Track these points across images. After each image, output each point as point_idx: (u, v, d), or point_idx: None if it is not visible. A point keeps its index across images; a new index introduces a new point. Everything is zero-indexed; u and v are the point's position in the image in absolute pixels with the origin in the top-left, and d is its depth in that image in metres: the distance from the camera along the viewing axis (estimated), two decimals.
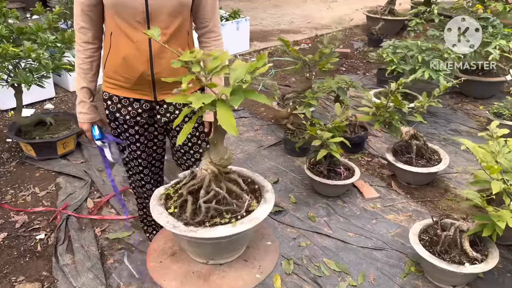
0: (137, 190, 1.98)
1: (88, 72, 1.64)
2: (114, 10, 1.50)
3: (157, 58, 1.55)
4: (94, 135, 1.71)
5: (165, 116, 1.69)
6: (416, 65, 3.33)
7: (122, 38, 1.54)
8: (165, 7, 1.49)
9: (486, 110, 3.94)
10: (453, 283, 2.04)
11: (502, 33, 3.75)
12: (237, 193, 1.42)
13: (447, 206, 2.68)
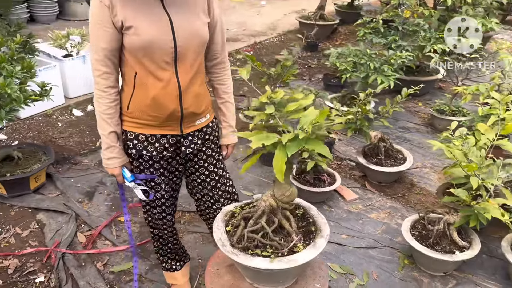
0: (155, 223, 1.97)
1: (114, 116, 1.63)
2: (143, 53, 1.53)
3: (185, 94, 1.61)
4: (126, 178, 1.70)
5: (190, 147, 1.75)
6: (369, 72, 3.63)
7: (149, 79, 1.57)
8: (191, 46, 1.58)
9: (424, 106, 4.40)
10: (444, 270, 2.32)
11: (434, 37, 4.20)
12: (289, 231, 1.52)
13: (417, 199, 2.99)
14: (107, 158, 1.66)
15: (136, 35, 1.50)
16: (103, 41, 1.52)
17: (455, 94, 3.88)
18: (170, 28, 1.52)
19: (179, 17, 1.54)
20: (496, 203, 2.17)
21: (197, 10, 1.59)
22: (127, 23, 1.50)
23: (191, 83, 1.62)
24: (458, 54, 3.87)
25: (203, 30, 1.60)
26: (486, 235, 2.58)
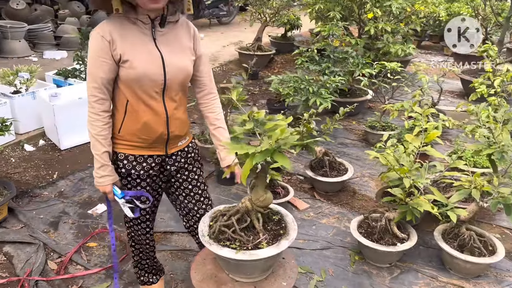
0: (137, 238, 2.11)
1: (107, 137, 1.80)
2: (137, 84, 1.73)
3: (171, 119, 1.82)
4: (117, 195, 1.83)
5: (174, 165, 1.95)
6: (309, 95, 4.04)
7: (140, 106, 1.77)
8: (177, 80, 1.80)
9: (357, 124, 4.89)
10: (389, 261, 2.67)
11: (361, 62, 4.73)
12: (258, 230, 1.77)
13: (360, 204, 3.37)
14: (100, 176, 1.80)
15: (132, 68, 1.70)
16: (102, 71, 1.71)
17: (383, 111, 4.38)
18: (162, 64, 1.74)
19: (170, 55, 1.77)
20: (427, 199, 2.57)
21: (184, 49, 1.83)
22: (124, 57, 1.70)
23: (176, 110, 1.84)
24: (383, 76, 4.40)
25: (189, 66, 1.83)
26: (421, 230, 2.98)
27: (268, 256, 1.67)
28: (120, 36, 1.70)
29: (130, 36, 1.72)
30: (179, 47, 1.81)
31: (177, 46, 1.81)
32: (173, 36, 1.80)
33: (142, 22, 1.73)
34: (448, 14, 7.77)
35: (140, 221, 2.04)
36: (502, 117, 3.03)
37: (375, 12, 5.21)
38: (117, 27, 1.70)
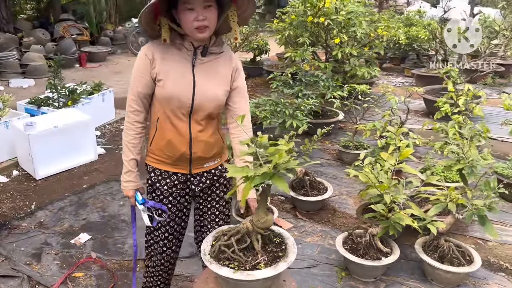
0: (154, 258, 2.16)
1: (136, 146, 1.95)
2: (166, 102, 1.84)
3: (195, 141, 1.90)
4: (138, 200, 1.96)
5: (198, 186, 2.02)
6: (285, 118, 4.16)
7: (167, 125, 1.87)
8: (206, 107, 1.87)
9: (331, 144, 5.05)
10: (374, 275, 2.78)
11: (332, 85, 4.93)
12: (257, 251, 1.83)
13: (341, 222, 3.48)
14: (125, 181, 1.96)
15: (163, 88, 1.82)
16: (140, 86, 1.86)
17: (355, 131, 4.57)
18: (192, 89, 1.83)
19: (203, 82, 1.85)
20: (406, 213, 2.71)
21: (220, 79, 1.89)
22: (159, 77, 1.82)
23: (201, 133, 1.90)
24: (354, 98, 4.60)
25: (220, 96, 1.89)
26: (400, 244, 3.10)
27: (265, 277, 1.71)
28: (161, 57, 1.83)
29: (169, 59, 1.83)
30: (215, 76, 1.89)
31: (213, 75, 1.88)
32: (212, 65, 1.88)
33: (186, 49, 1.84)
34: (407, 38, 8.22)
35: (158, 239, 2.11)
36: (468, 133, 3.24)
37: (342, 38, 5.47)
38: (160, 49, 1.84)
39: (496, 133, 5.15)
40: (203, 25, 1.74)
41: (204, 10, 1.74)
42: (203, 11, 1.73)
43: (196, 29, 1.75)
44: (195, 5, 1.72)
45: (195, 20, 1.73)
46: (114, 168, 4.38)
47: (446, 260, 2.71)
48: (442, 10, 7.32)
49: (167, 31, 1.78)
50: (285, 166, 1.69)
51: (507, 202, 3.73)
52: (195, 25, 1.74)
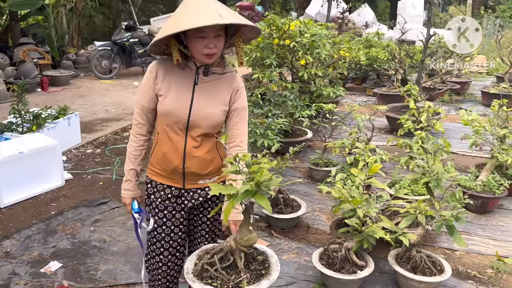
0: (153, 273, 2.20)
1: (137, 157, 2.06)
2: (164, 117, 1.94)
3: (189, 156, 1.95)
4: (134, 208, 2.08)
5: (191, 202, 2.06)
6: (257, 137, 4.23)
7: (165, 138, 1.95)
8: (202, 124, 1.93)
9: (301, 162, 5.14)
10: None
11: (299, 105, 5.06)
12: (240, 269, 1.85)
13: (315, 238, 3.53)
14: (124, 189, 2.08)
15: (163, 103, 1.93)
16: (144, 100, 1.98)
17: (324, 149, 4.68)
18: (189, 106, 1.90)
19: (200, 100, 1.91)
20: (379, 226, 2.80)
21: (219, 99, 1.95)
22: (160, 92, 1.93)
23: (197, 149, 1.95)
24: (322, 116, 4.73)
25: (218, 115, 1.95)
26: (373, 257, 3.18)
27: None
28: (164, 74, 1.94)
29: (172, 76, 1.92)
30: (214, 96, 1.94)
31: (213, 95, 1.94)
32: (213, 85, 1.95)
33: (189, 68, 1.94)
34: (367, 58, 8.56)
35: (155, 254, 2.14)
36: (432, 148, 3.40)
37: (307, 59, 5.64)
38: (164, 67, 1.95)
39: (456, 148, 5.41)
40: (212, 52, 1.83)
41: (215, 39, 1.82)
42: (214, 40, 1.82)
43: (205, 55, 1.84)
44: (208, 34, 1.80)
45: (205, 48, 1.82)
46: (83, 193, 4.28)
47: (418, 271, 2.80)
48: (399, 31, 7.68)
49: (177, 52, 1.86)
50: (267, 184, 1.74)
51: (471, 213, 3.91)
52: (205, 52, 1.83)
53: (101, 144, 5.63)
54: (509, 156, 4.01)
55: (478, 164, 4.56)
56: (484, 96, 8.01)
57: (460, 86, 8.61)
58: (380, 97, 7.74)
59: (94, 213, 3.88)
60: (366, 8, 18.59)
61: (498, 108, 4.55)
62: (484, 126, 4.30)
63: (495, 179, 3.99)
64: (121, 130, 5.99)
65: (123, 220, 3.75)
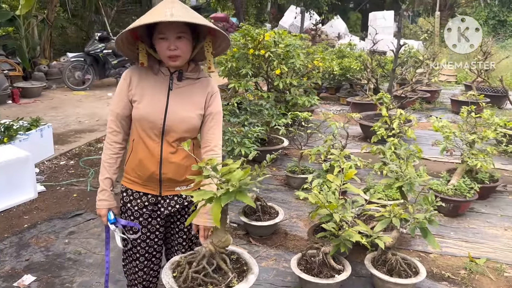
0: (130, 277, 2.17)
1: (112, 165, 2.00)
2: (139, 123, 1.93)
3: (165, 162, 1.94)
4: (109, 219, 2.00)
5: (167, 209, 2.04)
6: (234, 146, 4.25)
7: (140, 145, 1.93)
8: (178, 128, 1.92)
9: (278, 170, 5.18)
10: None
11: (275, 113, 5.12)
12: (225, 270, 1.86)
13: (293, 244, 3.56)
14: (99, 200, 2.00)
15: (137, 109, 1.92)
16: (118, 107, 1.96)
17: (301, 157, 4.74)
18: (164, 111, 1.89)
19: (176, 105, 1.91)
20: (355, 230, 2.85)
21: (194, 103, 1.95)
22: (134, 98, 1.93)
23: (174, 155, 1.94)
24: (298, 125, 4.80)
25: (193, 119, 1.93)
26: (350, 261, 3.23)
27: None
28: (138, 80, 1.94)
29: (146, 82, 1.92)
30: (189, 100, 1.94)
31: (188, 99, 1.94)
32: (188, 90, 1.95)
33: (163, 73, 1.94)
34: (340, 68, 8.74)
35: (131, 259, 2.12)
36: (404, 154, 3.49)
37: (282, 69, 5.72)
38: (138, 73, 1.95)
39: (428, 154, 5.56)
40: (174, 54, 1.83)
41: (177, 40, 1.83)
42: (175, 41, 1.83)
43: (169, 58, 1.84)
44: (168, 35, 1.82)
45: (167, 49, 1.83)
46: (56, 205, 4.19)
47: (394, 273, 2.86)
48: (371, 42, 7.88)
49: (145, 56, 1.88)
50: (244, 182, 1.76)
51: (444, 217, 4.02)
52: (168, 54, 1.84)
53: (75, 156, 5.53)
54: (478, 160, 4.16)
55: (449, 169, 4.70)
56: (453, 104, 8.27)
57: (430, 95, 8.87)
58: (353, 106, 7.89)
59: (69, 225, 3.81)
60: (338, 20, 19.02)
61: (467, 115, 4.72)
62: (454, 132, 4.45)
63: (465, 183, 4.12)
64: (95, 141, 5.91)
65: (99, 231, 3.69)
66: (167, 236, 2.21)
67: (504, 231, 3.79)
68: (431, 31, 15.46)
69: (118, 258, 3.07)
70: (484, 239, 3.66)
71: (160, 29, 1.82)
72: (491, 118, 4.61)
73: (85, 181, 4.73)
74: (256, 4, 20.54)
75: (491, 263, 3.30)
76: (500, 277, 3.13)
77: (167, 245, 2.24)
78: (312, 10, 17.81)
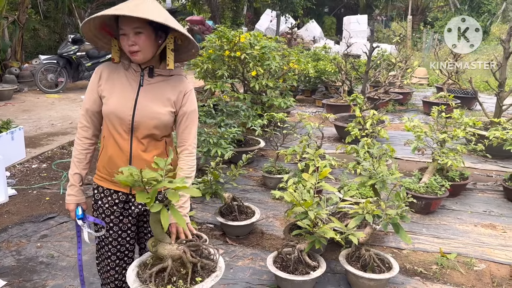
0: (103, 276, 2.16)
1: (82, 161, 2.00)
2: (108, 118, 1.93)
3: (135, 159, 1.93)
4: (77, 215, 2.00)
5: (138, 207, 2.02)
6: (210, 146, 4.25)
7: (110, 141, 1.92)
8: (148, 125, 1.91)
9: (254, 171, 5.20)
10: None
11: (252, 115, 5.14)
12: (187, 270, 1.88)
13: (269, 244, 3.58)
14: (67, 195, 2.01)
15: (106, 105, 1.92)
16: (88, 102, 1.96)
17: (277, 157, 4.78)
18: (133, 107, 1.88)
19: (145, 101, 1.90)
20: (330, 227, 2.89)
21: (164, 100, 1.93)
22: (103, 93, 1.92)
23: (144, 152, 1.92)
24: (274, 125, 4.83)
25: (163, 115, 1.91)
26: (325, 258, 3.27)
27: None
28: (108, 76, 1.94)
29: (116, 78, 1.91)
30: (160, 97, 1.93)
31: (159, 95, 1.93)
32: (159, 86, 1.94)
33: (134, 70, 1.94)
34: (316, 71, 8.84)
35: (104, 257, 2.12)
36: (377, 153, 3.56)
37: (258, 70, 5.76)
38: (109, 69, 1.95)
39: (400, 154, 5.68)
40: (133, 50, 1.83)
41: (135, 36, 1.82)
42: (134, 37, 1.82)
43: (129, 53, 1.85)
44: (126, 31, 1.82)
45: (127, 44, 1.83)
46: (28, 209, 4.10)
47: (368, 269, 2.91)
48: (345, 46, 8.01)
49: (117, 52, 1.91)
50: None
51: (416, 214, 4.11)
52: (127, 49, 1.84)
53: (47, 159, 5.42)
54: (449, 159, 4.28)
55: (421, 168, 4.82)
56: (425, 105, 8.48)
57: (403, 97, 9.07)
58: (328, 107, 7.99)
59: (41, 228, 3.73)
60: (314, 23, 19.25)
61: (437, 115, 4.85)
62: (425, 132, 4.57)
63: (437, 181, 4.23)
64: (68, 144, 5.80)
65: (72, 234, 3.63)
66: (140, 236, 2.20)
67: (473, 227, 3.91)
68: (404, 35, 15.80)
69: (92, 261, 3.04)
70: (454, 235, 3.76)
71: (120, 24, 1.83)
72: (460, 118, 4.76)
73: (58, 184, 4.64)
74: (232, 7, 20.58)
75: (462, 257, 3.40)
76: (470, 271, 3.22)
77: (140, 244, 2.23)
78: (288, 14, 17.99)
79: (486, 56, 13.27)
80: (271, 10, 18.53)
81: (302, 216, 3.05)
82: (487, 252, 3.48)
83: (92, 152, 2.04)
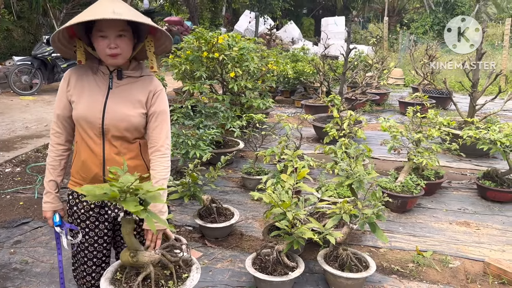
0: (79, 282, 2.13)
1: (56, 168, 1.97)
2: (78, 123, 1.90)
3: (108, 162, 1.89)
4: (55, 222, 1.98)
5: (114, 211, 2.00)
6: (188, 148, 4.22)
7: (83, 145, 1.89)
8: (118, 127, 1.88)
9: (234, 172, 5.20)
10: None
11: (231, 116, 5.14)
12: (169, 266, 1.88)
13: (248, 245, 3.58)
14: (44, 202, 1.99)
15: (76, 110, 1.89)
16: (58, 108, 1.92)
17: (256, 158, 4.78)
18: (102, 110, 1.85)
19: (114, 104, 1.87)
20: (308, 227, 2.91)
21: (134, 102, 1.90)
22: (72, 98, 1.89)
23: (117, 155, 1.89)
24: (252, 127, 4.84)
25: (133, 118, 1.89)
26: (304, 259, 3.29)
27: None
28: (76, 80, 1.91)
29: (84, 81, 1.88)
30: (129, 99, 1.90)
31: (128, 98, 1.90)
32: (129, 88, 1.91)
33: (102, 72, 1.91)
34: (294, 72, 8.89)
35: (80, 263, 2.10)
36: (354, 153, 3.61)
37: (236, 72, 5.75)
38: (77, 73, 1.91)
39: (377, 153, 5.77)
40: (115, 53, 1.80)
41: (117, 39, 1.80)
42: (116, 40, 1.80)
43: (109, 56, 1.81)
44: (108, 34, 1.78)
45: (107, 48, 1.79)
46: (1, 214, 4.00)
47: (346, 268, 2.94)
48: (323, 47, 8.08)
49: (83, 54, 1.86)
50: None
51: (392, 213, 4.18)
52: (108, 52, 1.80)
53: (21, 163, 5.30)
54: (424, 158, 4.36)
55: (397, 167, 4.89)
56: (401, 105, 8.62)
57: (380, 97, 9.20)
58: (307, 108, 8.04)
59: (14, 234, 3.64)
60: (292, 25, 19.35)
61: (412, 115, 4.93)
62: (401, 132, 4.65)
63: (412, 180, 4.31)
64: (43, 147, 5.68)
65: (47, 239, 3.56)
66: (116, 240, 2.16)
67: (449, 225, 3.99)
68: (380, 36, 16.04)
69: (68, 266, 2.98)
70: (430, 233, 3.83)
71: (100, 27, 1.78)
72: (435, 118, 4.85)
73: (33, 188, 4.54)
74: (210, 8, 20.53)
75: (437, 255, 3.47)
76: (445, 268, 3.29)
77: (117, 248, 2.19)
78: (266, 15, 18.04)
79: (461, 57, 13.58)
80: (250, 11, 18.55)
81: (280, 217, 3.06)
82: (461, 249, 3.56)
83: (67, 158, 2.01)
